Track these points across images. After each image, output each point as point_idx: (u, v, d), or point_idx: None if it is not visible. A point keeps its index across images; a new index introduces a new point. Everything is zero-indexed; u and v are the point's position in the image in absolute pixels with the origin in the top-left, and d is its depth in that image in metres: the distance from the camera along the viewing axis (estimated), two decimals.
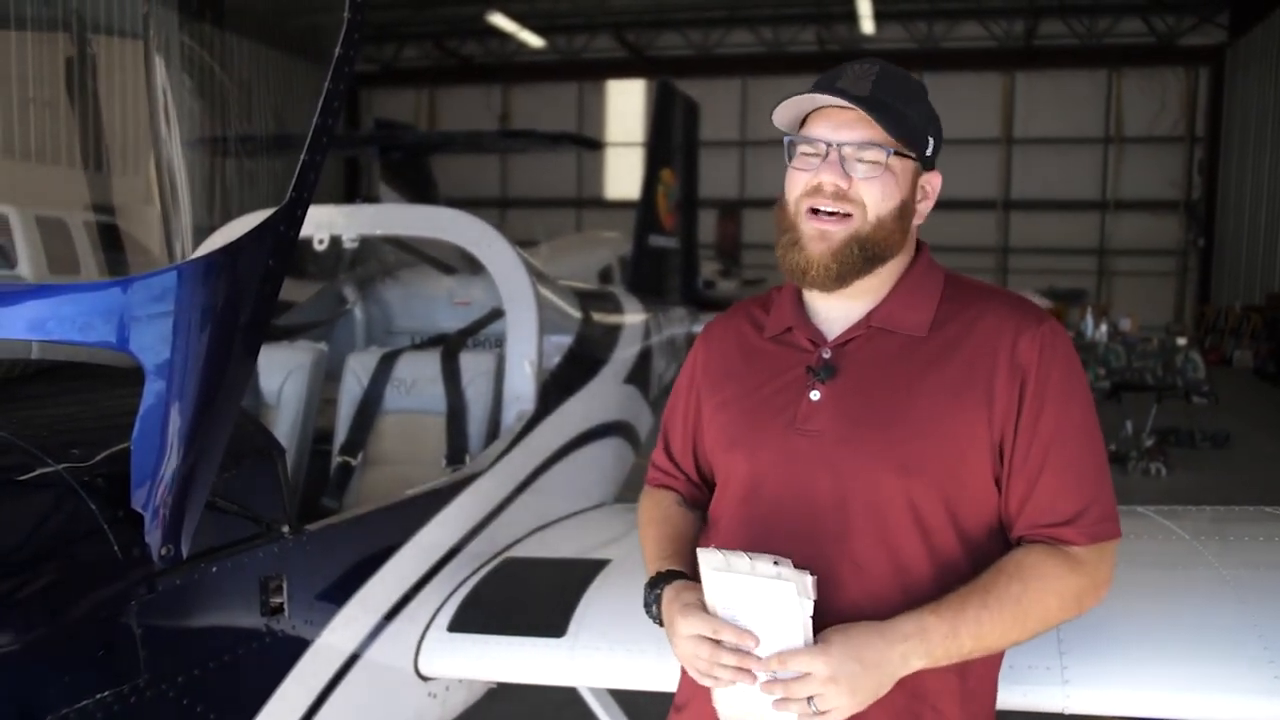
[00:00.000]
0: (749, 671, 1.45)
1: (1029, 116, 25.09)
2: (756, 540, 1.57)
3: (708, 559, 1.47)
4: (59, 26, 3.30)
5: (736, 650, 1.45)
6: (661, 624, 1.61)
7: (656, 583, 1.64)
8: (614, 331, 4.52)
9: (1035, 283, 20.55)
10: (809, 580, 1.42)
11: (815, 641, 1.42)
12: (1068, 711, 2.11)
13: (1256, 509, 3.08)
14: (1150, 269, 25.11)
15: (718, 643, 1.46)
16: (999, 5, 23.98)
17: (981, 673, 1.61)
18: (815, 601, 1.43)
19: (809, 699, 1.40)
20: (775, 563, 1.42)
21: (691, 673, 1.52)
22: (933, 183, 1.65)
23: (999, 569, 1.53)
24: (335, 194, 23.00)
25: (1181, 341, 10.54)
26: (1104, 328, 10.87)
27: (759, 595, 1.43)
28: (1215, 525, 2.97)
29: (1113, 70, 24.69)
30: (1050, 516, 1.55)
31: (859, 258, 1.57)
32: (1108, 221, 25.18)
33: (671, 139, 7.00)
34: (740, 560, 1.44)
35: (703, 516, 1.80)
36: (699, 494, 1.86)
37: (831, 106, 1.56)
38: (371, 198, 11.48)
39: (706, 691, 1.56)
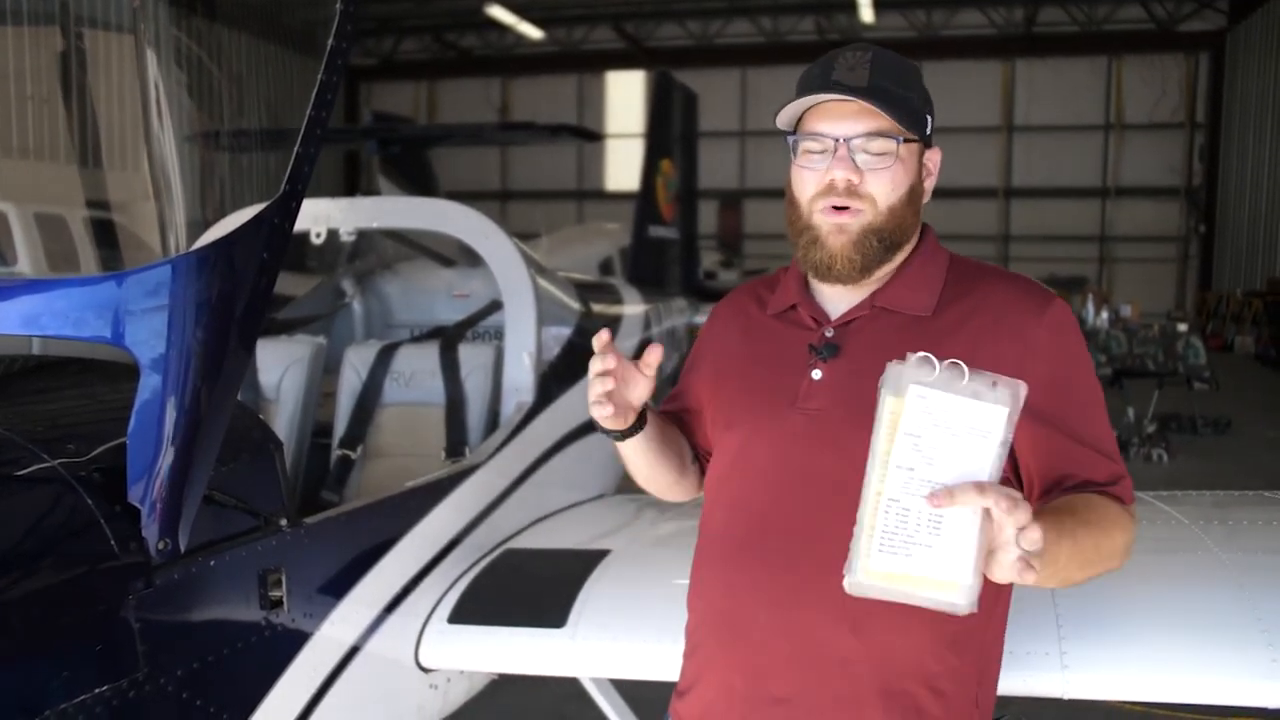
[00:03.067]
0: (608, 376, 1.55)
1: (1029, 104, 25.03)
2: (753, 519, 1.57)
3: (913, 367, 1.27)
4: (55, 22, 3.29)
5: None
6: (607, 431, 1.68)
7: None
8: (614, 323, 4.52)
9: (1036, 270, 20.52)
10: (1023, 390, 1.25)
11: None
12: (1067, 696, 2.11)
13: (1257, 494, 3.08)
14: (1151, 255, 25.08)
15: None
16: None
17: (978, 650, 1.60)
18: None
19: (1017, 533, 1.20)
20: (994, 379, 1.25)
21: (591, 396, 1.58)
22: (934, 159, 1.66)
23: (1068, 501, 1.46)
24: (335, 188, 23.00)
25: (1183, 328, 10.54)
26: (1105, 314, 10.88)
27: (960, 418, 1.25)
28: (1216, 510, 2.97)
29: (1113, 57, 24.63)
30: (1097, 478, 1.52)
31: (879, 247, 1.58)
32: (1109, 208, 25.14)
33: (670, 130, 6.99)
34: (952, 373, 1.25)
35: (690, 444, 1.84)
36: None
37: (832, 100, 1.55)
38: (372, 192, 11.47)
39: (710, 676, 1.56)
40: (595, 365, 1.58)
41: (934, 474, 1.24)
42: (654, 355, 1.58)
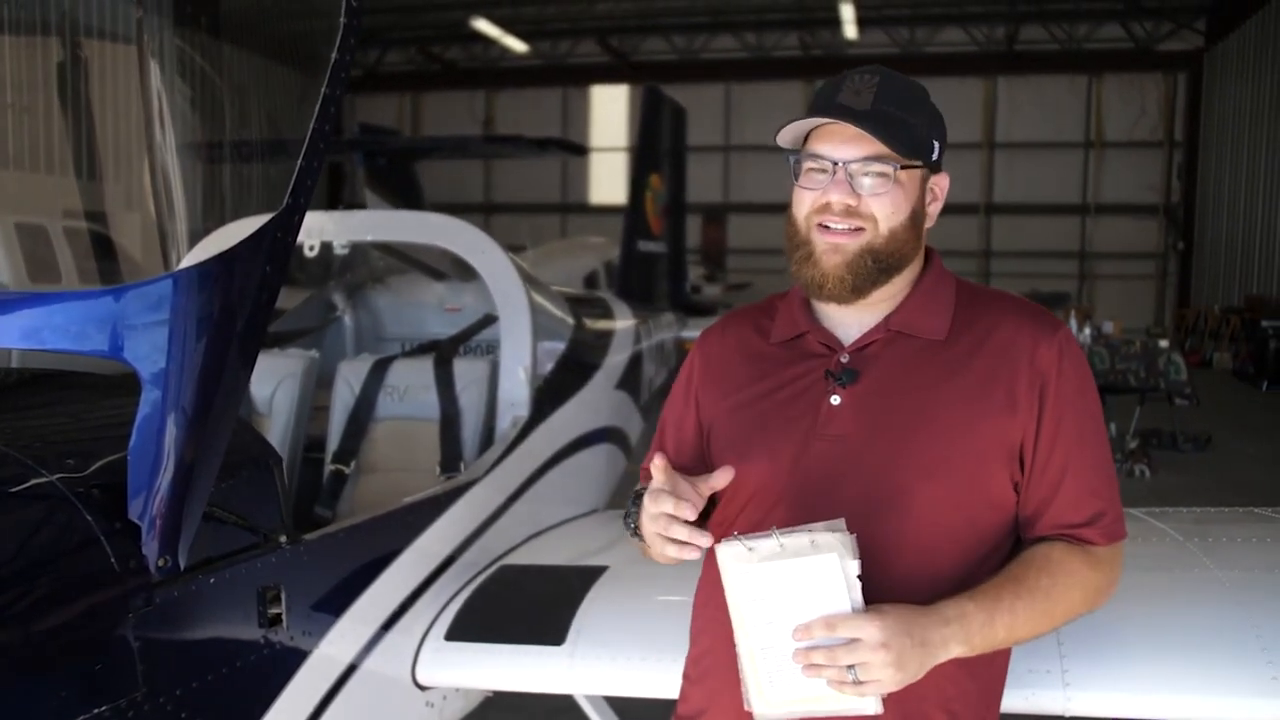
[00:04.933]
0: (693, 545, 1.40)
1: (1011, 121, 25.26)
2: None
3: (729, 552, 1.38)
4: (37, 32, 3.27)
5: (686, 524, 1.40)
6: (636, 534, 1.57)
7: (640, 495, 1.58)
8: (606, 337, 4.51)
9: (1018, 286, 20.63)
10: (851, 540, 1.35)
11: (866, 608, 1.37)
12: (1069, 714, 2.11)
13: (1246, 510, 3.10)
14: (1130, 272, 25.30)
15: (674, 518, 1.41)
16: (980, 10, 24.15)
17: (990, 675, 1.62)
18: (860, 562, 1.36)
19: (850, 667, 1.34)
20: (810, 533, 1.34)
21: (649, 538, 1.47)
22: (940, 184, 1.66)
23: (1027, 561, 1.54)
24: (319, 200, 22.89)
25: (1164, 344, 10.60)
26: (1087, 331, 10.94)
27: (794, 577, 1.35)
28: (1206, 527, 2.98)
29: (1093, 75, 24.90)
30: (1072, 518, 1.57)
31: (873, 269, 1.58)
32: (1089, 225, 25.37)
33: (659, 144, 7.00)
34: (767, 544, 1.35)
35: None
36: None
37: (834, 123, 1.56)
38: (356, 204, 11.43)
39: (720, 704, 1.55)
40: (663, 505, 1.41)
41: (793, 620, 1.36)
42: (723, 478, 1.49)
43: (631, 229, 6.55)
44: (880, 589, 1.46)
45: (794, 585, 1.36)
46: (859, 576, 1.36)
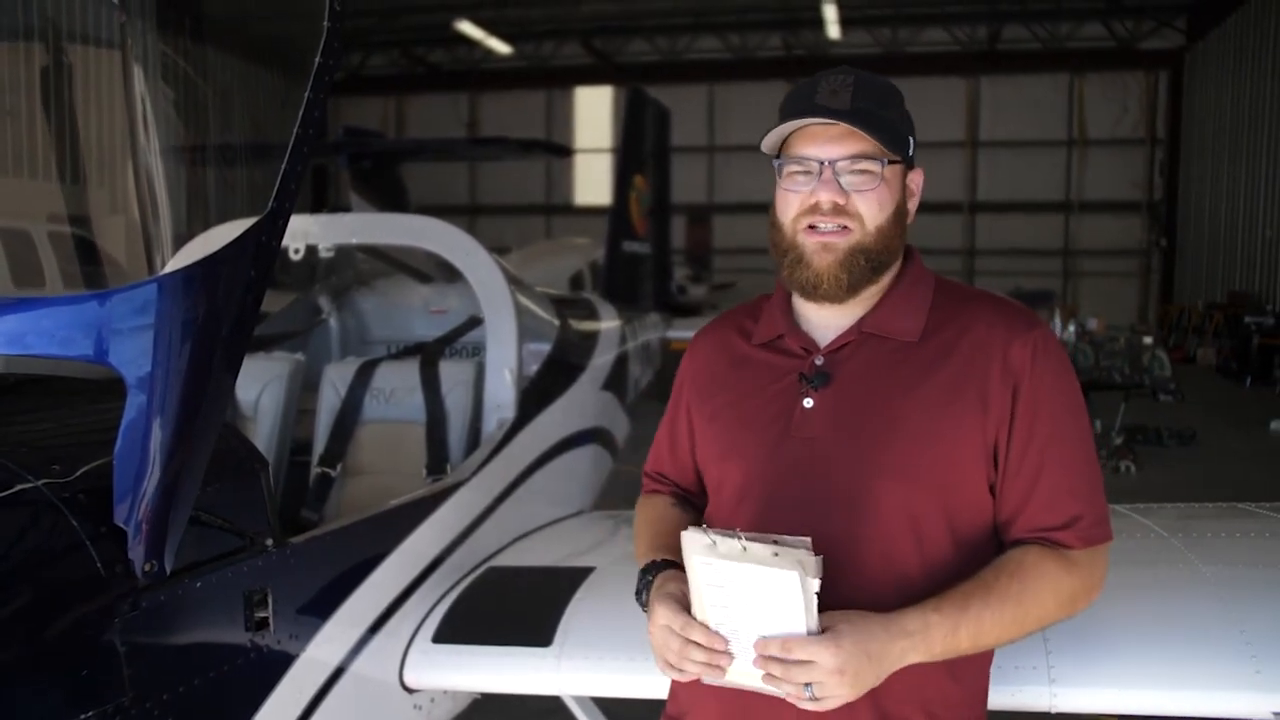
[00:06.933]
0: (718, 668, 1.43)
1: (993, 120, 25.39)
2: None
3: (693, 541, 1.40)
4: (20, 37, 3.25)
5: (707, 649, 1.43)
6: (645, 609, 1.59)
7: (649, 570, 1.63)
8: (591, 338, 4.52)
9: (1002, 284, 20.76)
10: (814, 561, 1.35)
11: (820, 628, 1.38)
12: (1054, 710, 2.13)
13: (1230, 505, 3.12)
14: (1114, 269, 25.46)
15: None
16: (962, 10, 24.26)
17: (974, 675, 1.62)
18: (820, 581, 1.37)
19: (805, 684, 1.37)
20: (775, 543, 1.35)
21: (659, 663, 1.50)
22: (916, 181, 1.67)
23: (999, 567, 1.53)
24: (303, 203, 22.78)
25: (1148, 340, 10.67)
26: (1072, 328, 11.01)
27: (753, 582, 1.37)
28: (1191, 522, 3.00)
29: (1075, 74, 25.05)
30: (1047, 521, 1.56)
31: (866, 267, 1.58)
32: (1072, 223, 25.51)
33: (644, 145, 7.01)
34: (730, 544, 1.37)
35: (698, 518, 1.79)
36: (694, 499, 1.85)
37: (816, 123, 1.56)
38: (341, 207, 11.41)
39: (706, 704, 1.55)
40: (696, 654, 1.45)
41: (747, 618, 1.38)
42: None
43: (616, 230, 6.55)
44: (847, 592, 1.46)
45: (752, 589, 1.38)
46: (816, 593, 1.36)
